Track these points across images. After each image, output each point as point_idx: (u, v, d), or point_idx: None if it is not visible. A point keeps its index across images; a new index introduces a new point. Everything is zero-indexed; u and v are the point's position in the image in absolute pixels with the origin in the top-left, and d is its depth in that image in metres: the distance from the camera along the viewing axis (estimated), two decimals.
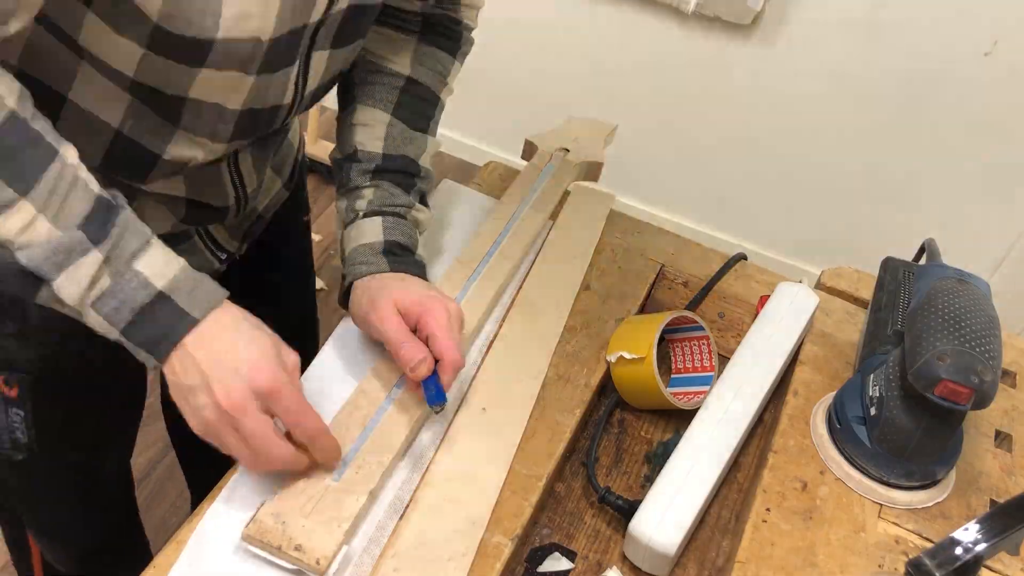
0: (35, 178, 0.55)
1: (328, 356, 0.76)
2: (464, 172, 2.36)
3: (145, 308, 0.59)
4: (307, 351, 0.68)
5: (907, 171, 1.93)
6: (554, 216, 0.94)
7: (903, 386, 0.69)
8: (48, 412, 0.80)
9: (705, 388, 0.79)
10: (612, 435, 0.80)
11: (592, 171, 1.00)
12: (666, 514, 0.67)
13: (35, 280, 0.57)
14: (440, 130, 0.83)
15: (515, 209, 0.90)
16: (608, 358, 0.79)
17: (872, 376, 0.73)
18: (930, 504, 0.72)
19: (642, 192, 2.23)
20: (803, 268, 2.17)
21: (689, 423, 0.74)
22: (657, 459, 0.78)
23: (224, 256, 0.83)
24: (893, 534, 0.69)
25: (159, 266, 0.60)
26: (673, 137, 2.11)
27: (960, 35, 1.70)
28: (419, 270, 0.75)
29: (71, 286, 0.56)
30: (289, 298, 1.05)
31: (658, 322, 0.77)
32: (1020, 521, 0.56)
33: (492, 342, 0.79)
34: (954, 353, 0.65)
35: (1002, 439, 0.79)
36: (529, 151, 1.00)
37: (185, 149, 0.67)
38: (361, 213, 0.76)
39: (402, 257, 0.75)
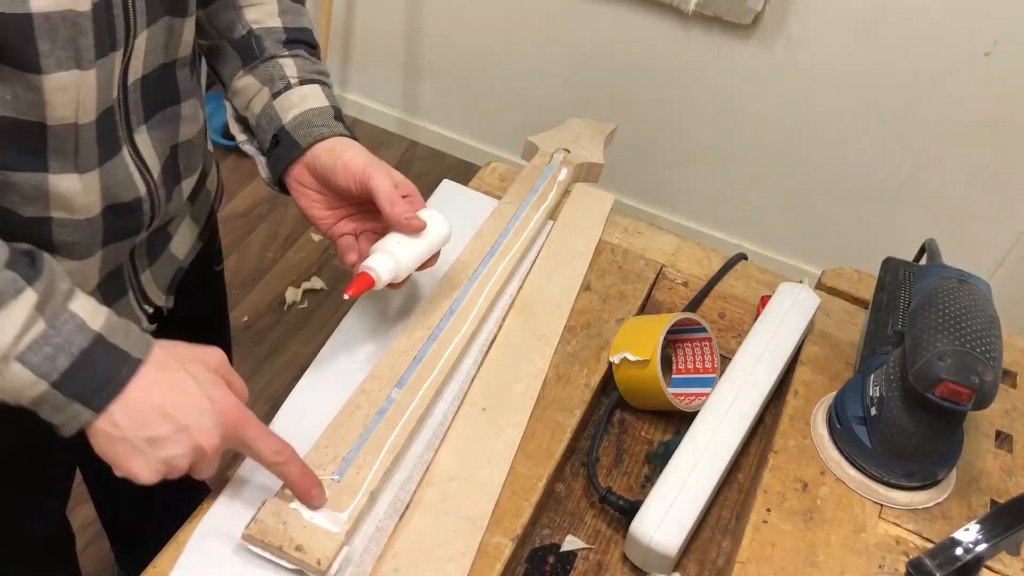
0: None
1: (328, 356, 0.76)
2: (464, 172, 2.36)
3: (84, 353, 0.53)
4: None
5: (907, 171, 1.93)
6: (554, 216, 0.94)
7: (904, 386, 0.69)
8: None
9: (707, 390, 0.79)
10: (612, 435, 0.80)
11: (592, 172, 1.00)
12: (667, 514, 0.67)
13: None
14: (440, 130, 0.83)
15: (515, 209, 0.90)
16: (611, 359, 0.79)
17: (872, 376, 0.73)
18: (930, 504, 0.72)
19: (642, 192, 2.23)
20: (804, 268, 2.17)
21: (690, 423, 0.74)
22: (658, 459, 0.78)
23: (152, 311, 0.79)
24: (894, 534, 0.69)
25: (91, 308, 0.55)
26: (673, 137, 2.11)
27: (960, 35, 1.70)
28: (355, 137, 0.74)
29: (1, 334, 0.50)
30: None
31: (662, 324, 0.76)
32: (1021, 521, 0.56)
33: (492, 342, 0.79)
34: (955, 353, 0.65)
35: (1002, 439, 0.79)
36: (529, 151, 1.00)
37: (64, 95, 0.57)
38: (295, 81, 0.74)
39: (348, 127, 0.74)
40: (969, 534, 0.56)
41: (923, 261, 0.86)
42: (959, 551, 0.55)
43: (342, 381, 0.73)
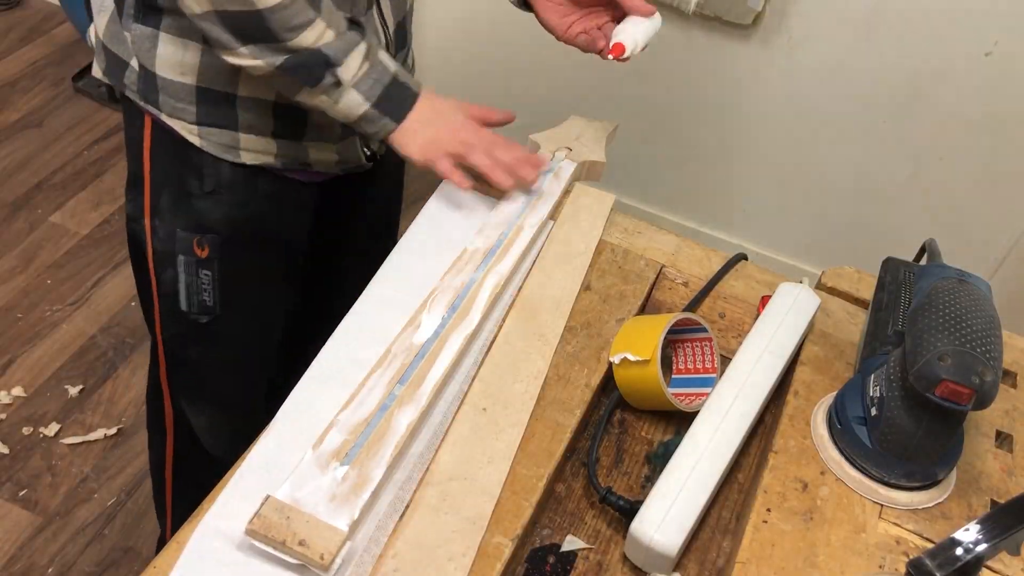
0: (320, 4, 0.77)
1: (328, 355, 0.76)
2: None
3: (389, 85, 0.82)
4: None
5: (908, 171, 1.93)
6: (555, 216, 0.94)
7: (904, 386, 0.69)
8: (231, 273, 0.95)
9: (707, 390, 0.79)
10: (613, 435, 0.80)
11: (594, 170, 1.00)
12: (667, 515, 0.67)
13: (325, 67, 0.78)
14: None
15: (516, 208, 0.90)
16: (611, 359, 0.79)
17: (873, 376, 0.73)
18: (931, 505, 0.72)
19: (642, 192, 2.23)
20: (804, 268, 2.17)
21: (690, 423, 0.74)
22: (658, 459, 0.78)
23: (368, 154, 1.01)
24: (894, 535, 0.69)
25: (388, 58, 0.83)
26: (673, 137, 2.10)
27: (961, 35, 1.70)
28: None
29: (350, 67, 0.79)
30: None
31: (663, 324, 0.76)
32: (1021, 521, 0.56)
33: (493, 342, 0.79)
34: (955, 353, 0.65)
35: (1003, 439, 0.79)
36: (531, 150, 1.00)
37: None
38: None
39: None
40: (969, 534, 0.56)
41: (923, 261, 0.86)
42: (959, 551, 0.55)
43: (342, 380, 0.73)
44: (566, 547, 0.71)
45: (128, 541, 1.53)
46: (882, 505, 0.71)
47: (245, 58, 0.77)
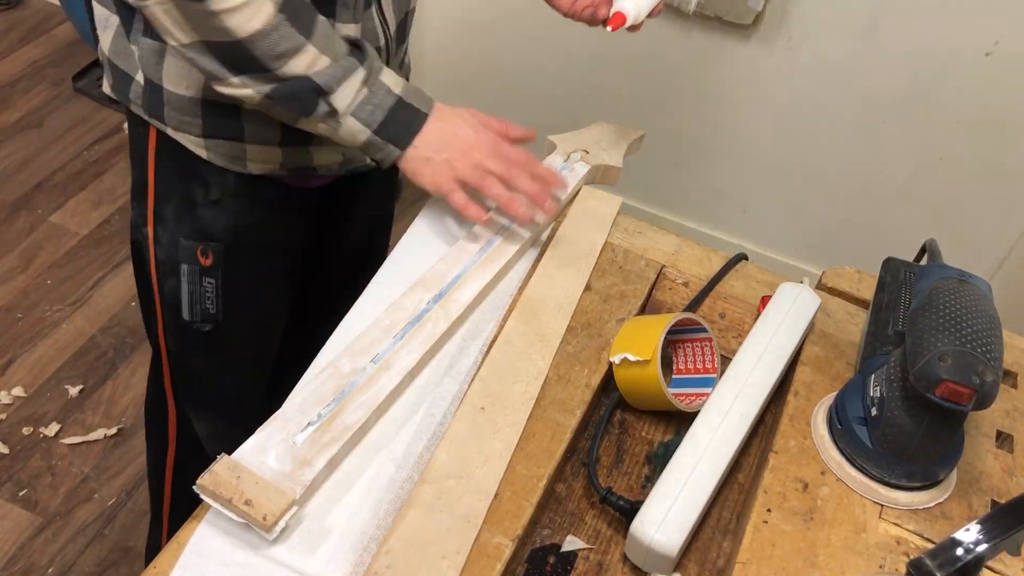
0: (311, 26, 0.73)
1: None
2: None
3: (392, 110, 0.79)
4: None
5: (908, 171, 1.92)
6: (561, 216, 0.93)
7: (904, 386, 0.69)
8: (234, 282, 0.95)
9: (707, 390, 0.79)
10: (613, 435, 0.80)
11: (609, 175, 1.00)
12: (668, 515, 0.67)
13: (319, 96, 0.75)
14: None
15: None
16: (612, 359, 0.79)
17: (873, 376, 0.73)
18: (931, 505, 0.72)
19: (642, 192, 2.23)
20: (804, 268, 2.17)
21: (690, 423, 0.74)
22: (658, 460, 0.78)
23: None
24: (894, 535, 0.69)
25: (393, 79, 0.80)
26: (673, 137, 2.10)
27: (961, 35, 1.70)
28: None
29: (345, 95, 0.76)
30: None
31: (663, 324, 0.76)
32: (1021, 521, 0.56)
33: (493, 342, 0.79)
34: (955, 353, 0.65)
35: (1003, 440, 0.79)
36: (547, 151, 1.00)
37: None
38: None
39: None
40: (970, 534, 0.56)
41: (924, 261, 0.86)
42: (960, 551, 0.55)
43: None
44: (566, 547, 0.71)
45: (128, 541, 1.53)
46: (882, 505, 0.71)
47: (236, 88, 0.74)
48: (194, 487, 0.62)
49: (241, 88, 0.75)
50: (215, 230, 0.91)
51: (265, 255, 0.97)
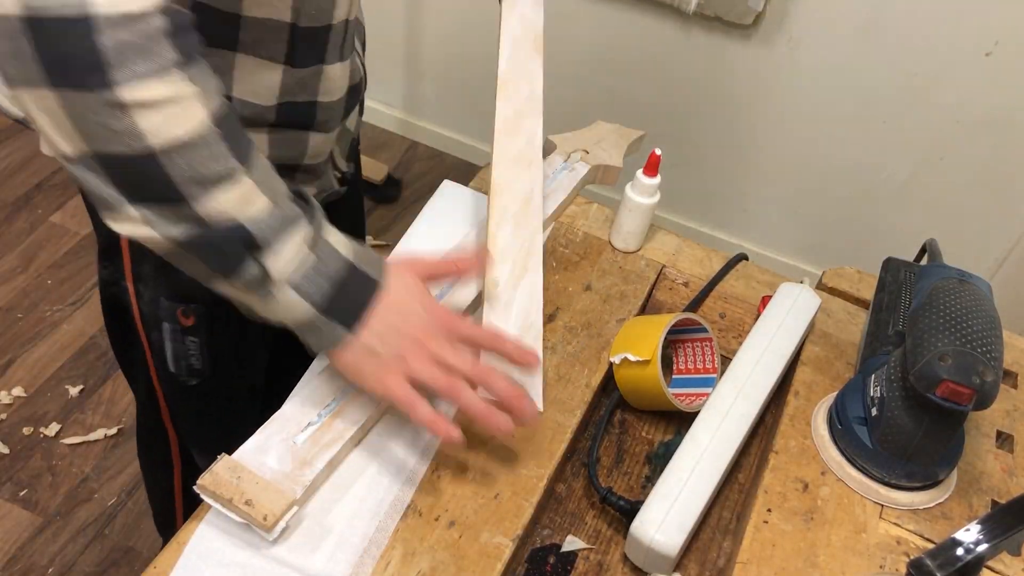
0: (248, 153, 0.56)
1: None
2: (465, 172, 2.36)
3: (342, 281, 0.61)
4: None
5: (908, 171, 1.93)
6: (558, 216, 0.93)
7: (904, 387, 0.69)
8: (219, 339, 0.86)
9: (707, 390, 0.79)
10: (613, 435, 0.80)
11: (608, 175, 0.99)
12: (668, 515, 0.67)
13: (246, 249, 0.57)
14: (441, 130, 0.86)
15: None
16: (612, 359, 0.79)
17: (873, 377, 0.73)
18: (931, 505, 0.72)
19: None
20: (804, 268, 2.17)
21: (690, 423, 0.74)
22: (658, 460, 0.78)
23: (339, 176, 0.90)
24: (894, 535, 0.69)
25: (338, 237, 0.62)
26: (673, 137, 2.11)
27: (961, 35, 1.70)
28: None
29: (284, 256, 0.58)
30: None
31: (663, 324, 0.76)
32: (1021, 521, 0.56)
33: None
34: (955, 354, 0.65)
35: (1003, 440, 0.79)
36: (548, 150, 0.99)
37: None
38: None
39: None
40: (970, 534, 0.56)
41: (924, 261, 0.86)
42: (960, 551, 0.55)
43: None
44: (566, 547, 0.71)
45: (128, 541, 1.53)
46: (883, 505, 0.71)
47: (134, 224, 0.54)
48: (194, 487, 0.62)
49: (141, 226, 0.54)
50: (196, 293, 0.76)
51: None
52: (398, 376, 0.62)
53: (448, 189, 0.96)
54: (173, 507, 1.13)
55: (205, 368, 0.88)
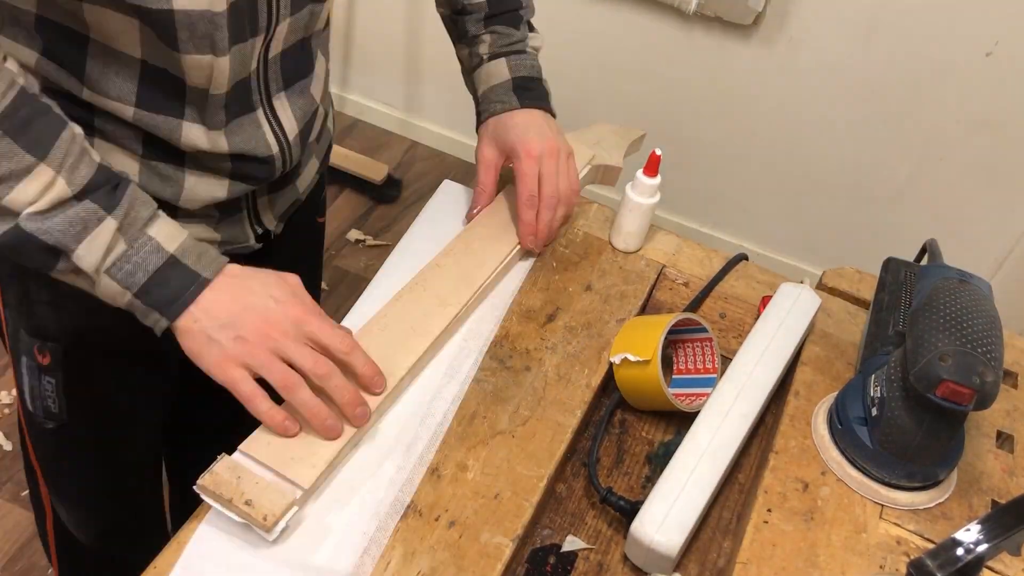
0: (50, 144, 0.59)
1: None
2: (465, 172, 2.36)
3: (159, 271, 0.63)
4: None
5: (908, 171, 1.93)
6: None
7: (905, 387, 0.69)
8: (78, 384, 0.81)
9: (707, 390, 0.79)
10: (613, 435, 0.80)
11: (609, 175, 0.99)
12: (668, 515, 0.67)
13: (53, 253, 0.61)
14: (441, 130, 0.86)
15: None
16: (612, 359, 0.79)
17: (873, 377, 0.73)
18: (931, 505, 0.72)
19: None
20: (804, 268, 2.17)
21: (690, 424, 0.74)
22: (658, 460, 0.78)
23: (260, 232, 0.83)
24: (894, 535, 0.69)
25: (168, 231, 0.65)
26: (673, 137, 2.11)
27: (962, 35, 1.70)
28: (545, 99, 0.89)
29: (89, 255, 0.61)
30: None
31: (663, 324, 0.76)
32: (1022, 522, 0.56)
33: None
34: (956, 354, 0.65)
35: (1004, 440, 0.79)
36: None
37: (199, 71, 0.64)
38: (485, 57, 0.89)
39: (531, 91, 0.88)
40: (970, 534, 0.56)
41: (924, 261, 0.86)
42: (960, 551, 0.55)
43: None
44: (567, 547, 0.71)
45: None
46: (883, 505, 0.71)
47: None
48: (194, 487, 0.62)
49: None
50: (51, 330, 0.77)
51: (116, 358, 0.82)
52: (238, 365, 0.64)
53: (448, 188, 0.96)
54: (48, 549, 1.04)
55: (61, 413, 0.82)
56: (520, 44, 0.90)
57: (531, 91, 0.88)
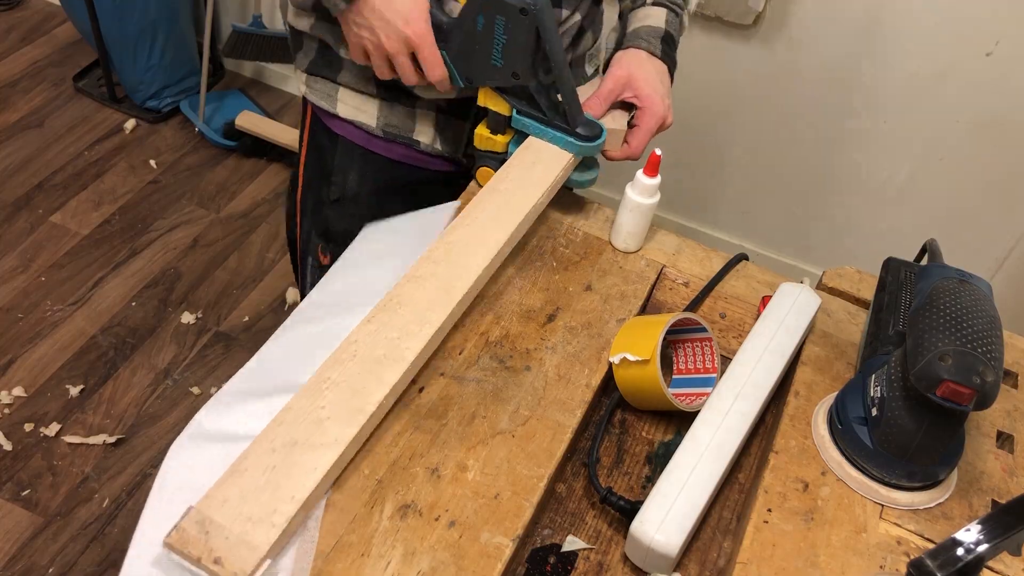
0: None
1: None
2: None
3: None
4: None
5: (908, 171, 1.93)
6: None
7: (905, 387, 0.69)
8: None
9: (707, 390, 0.79)
10: (613, 435, 0.80)
11: (612, 138, 0.96)
12: (668, 515, 0.67)
13: None
14: None
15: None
16: (611, 359, 0.79)
17: (874, 377, 0.73)
18: (932, 505, 0.72)
19: None
20: (804, 268, 2.17)
21: (690, 423, 0.74)
22: (658, 460, 0.78)
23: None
24: (895, 535, 0.69)
25: None
26: (673, 137, 2.10)
27: (962, 35, 1.70)
28: (674, 61, 0.97)
29: None
30: None
31: (662, 324, 0.76)
32: (1022, 521, 0.56)
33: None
34: (956, 353, 0.65)
35: (1004, 440, 0.79)
36: None
37: None
38: (649, 1, 0.98)
39: (670, 52, 0.96)
40: (970, 534, 0.56)
41: (924, 261, 0.86)
42: (960, 551, 0.55)
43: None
44: (567, 547, 0.71)
45: (129, 541, 1.52)
46: (883, 505, 0.71)
47: None
48: (163, 545, 0.59)
49: None
50: (335, 231, 0.96)
51: None
52: (359, 48, 0.85)
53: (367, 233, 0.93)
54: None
55: None
56: (678, 6, 1.00)
57: (671, 48, 0.97)
